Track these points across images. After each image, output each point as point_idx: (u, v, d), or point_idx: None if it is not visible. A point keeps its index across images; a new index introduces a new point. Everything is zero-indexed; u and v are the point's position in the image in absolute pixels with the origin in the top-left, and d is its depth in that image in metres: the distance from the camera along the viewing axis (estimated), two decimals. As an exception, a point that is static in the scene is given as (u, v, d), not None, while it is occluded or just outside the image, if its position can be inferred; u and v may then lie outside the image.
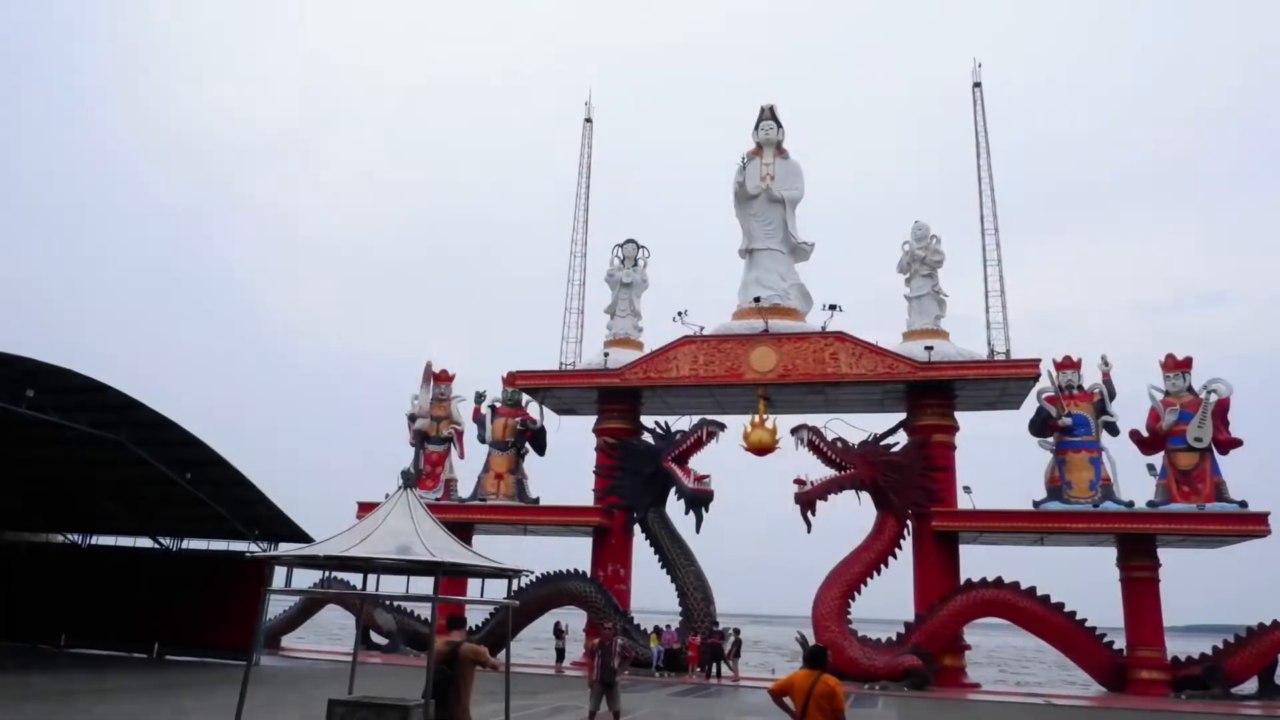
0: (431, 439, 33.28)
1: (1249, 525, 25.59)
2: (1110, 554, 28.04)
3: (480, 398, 33.64)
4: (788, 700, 7.94)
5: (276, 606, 32.84)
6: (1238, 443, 26.60)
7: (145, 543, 27.77)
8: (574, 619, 30.83)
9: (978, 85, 32.74)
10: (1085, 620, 26.40)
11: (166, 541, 27.36)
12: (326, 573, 6.09)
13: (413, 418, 33.52)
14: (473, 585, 8.35)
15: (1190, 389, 27.25)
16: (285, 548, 21.00)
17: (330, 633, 45.08)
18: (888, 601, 31.26)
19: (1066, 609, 26.29)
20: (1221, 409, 26.74)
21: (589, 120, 37.28)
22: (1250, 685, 26.23)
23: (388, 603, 31.61)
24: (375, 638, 32.09)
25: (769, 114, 33.60)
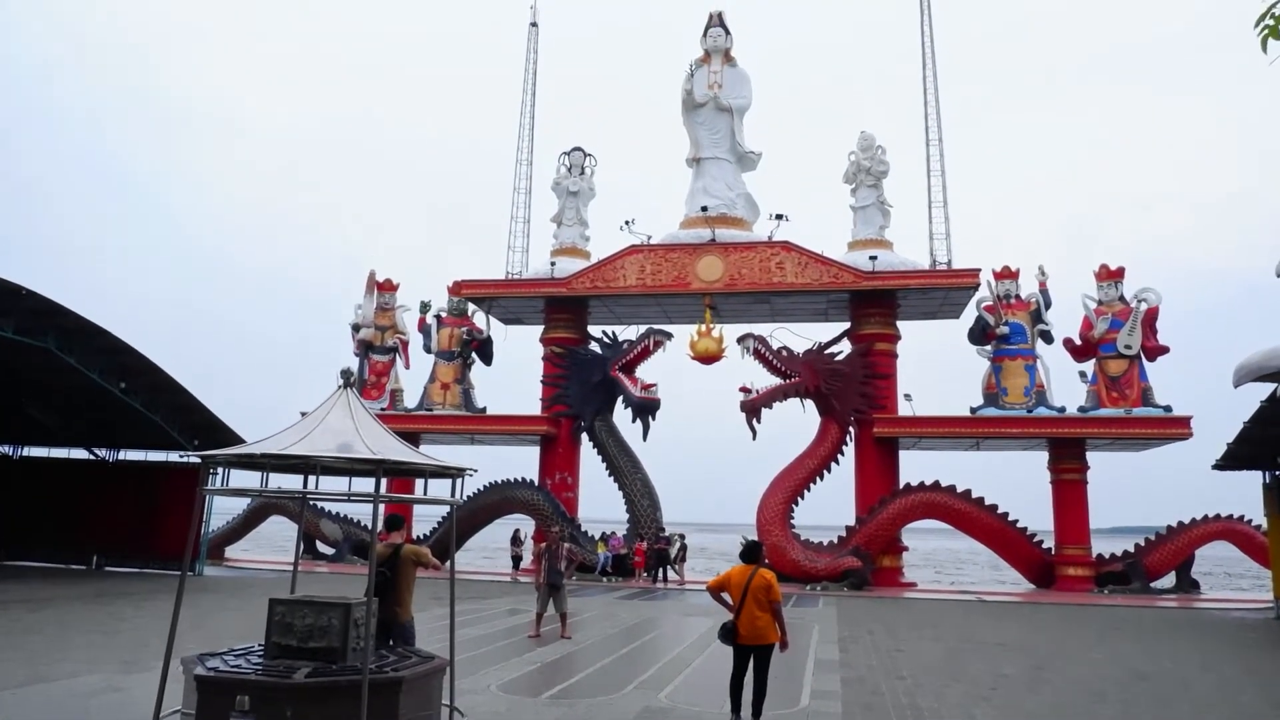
0: (376, 349, 32.82)
1: (1173, 429, 26.66)
2: (1042, 459, 29.07)
3: (425, 307, 33.19)
4: (725, 595, 8.13)
5: (219, 519, 32.61)
6: (1165, 350, 27.51)
7: (80, 454, 27.15)
8: (531, 529, 31.12)
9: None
10: (1016, 521, 27.50)
11: (103, 453, 26.78)
12: (265, 477, 5.91)
13: (357, 328, 32.97)
14: (418, 491, 8.22)
15: (1122, 298, 27.99)
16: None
17: (275, 544, 45.00)
18: (830, 508, 32.14)
19: (999, 510, 27.33)
20: (1151, 317, 27.57)
21: (534, 24, 36.09)
22: (1168, 580, 27.79)
23: (334, 512, 31.64)
24: (322, 547, 32.14)
25: (717, 21, 32.78)
